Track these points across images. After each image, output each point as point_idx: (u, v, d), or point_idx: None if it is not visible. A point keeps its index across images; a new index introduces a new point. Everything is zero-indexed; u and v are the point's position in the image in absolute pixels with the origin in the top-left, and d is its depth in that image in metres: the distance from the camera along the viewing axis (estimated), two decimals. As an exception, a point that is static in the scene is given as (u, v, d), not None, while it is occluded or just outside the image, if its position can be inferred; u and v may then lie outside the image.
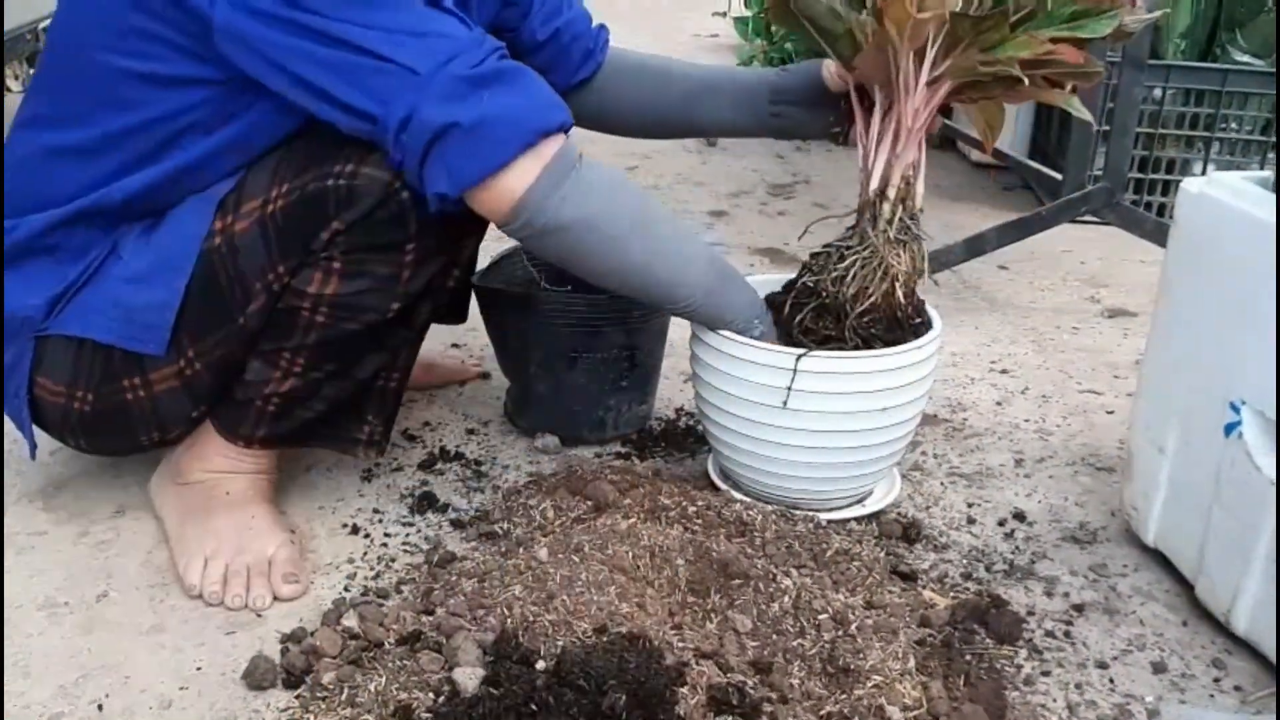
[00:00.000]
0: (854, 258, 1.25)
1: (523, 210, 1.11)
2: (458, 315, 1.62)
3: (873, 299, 1.24)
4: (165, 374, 1.19)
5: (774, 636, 1.06)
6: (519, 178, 1.09)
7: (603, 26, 1.48)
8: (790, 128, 1.43)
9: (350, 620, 1.11)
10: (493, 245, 1.55)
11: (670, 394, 1.67)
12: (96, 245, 1.19)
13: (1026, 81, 1.14)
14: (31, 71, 3.18)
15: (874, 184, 1.25)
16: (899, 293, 1.25)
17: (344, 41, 1.05)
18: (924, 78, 1.18)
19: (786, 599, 1.10)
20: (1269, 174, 1.19)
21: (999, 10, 1.12)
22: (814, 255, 1.30)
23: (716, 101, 1.43)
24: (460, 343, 1.86)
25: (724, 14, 4.90)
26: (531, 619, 1.05)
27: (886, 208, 1.24)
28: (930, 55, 1.16)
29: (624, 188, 1.20)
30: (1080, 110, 1.19)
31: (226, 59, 1.08)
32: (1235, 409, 1.12)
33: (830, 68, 1.35)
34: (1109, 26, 1.14)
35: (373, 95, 1.06)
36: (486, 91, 1.06)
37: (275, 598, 1.18)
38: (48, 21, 1.26)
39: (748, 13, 4.44)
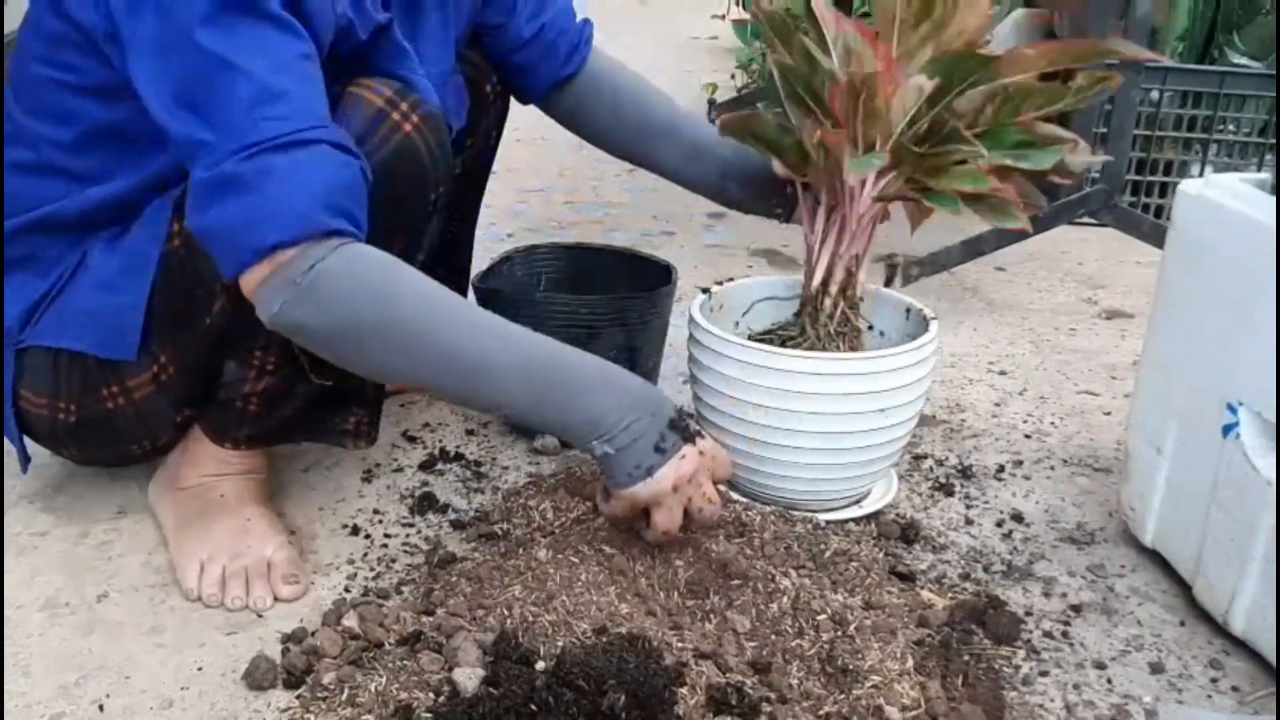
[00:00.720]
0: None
1: (258, 310, 1.03)
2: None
3: None
4: (141, 380, 1.19)
5: (773, 637, 1.07)
6: (249, 283, 1.02)
7: (587, 21, 1.48)
8: (734, 202, 1.46)
9: (351, 621, 1.11)
10: (494, 247, 1.56)
11: (669, 395, 1.67)
12: (67, 256, 1.18)
13: (962, 210, 1.17)
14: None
15: (816, 279, 1.28)
16: None
17: (149, 102, 1.03)
18: (869, 192, 1.21)
19: (785, 599, 1.10)
20: (1267, 176, 1.19)
21: (943, 150, 1.15)
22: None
23: (671, 152, 1.45)
24: (459, 344, 1.86)
25: (722, 17, 4.91)
26: (531, 619, 1.05)
27: (828, 302, 1.29)
28: (872, 178, 1.20)
29: (377, 304, 1.02)
30: (1023, 223, 1.20)
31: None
32: (1233, 410, 1.12)
33: (779, 164, 1.32)
34: (1052, 160, 1.16)
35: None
36: (217, 198, 0.99)
37: (275, 599, 1.18)
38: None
39: (746, 15, 4.45)
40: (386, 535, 1.31)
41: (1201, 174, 2.47)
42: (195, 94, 0.99)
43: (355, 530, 1.32)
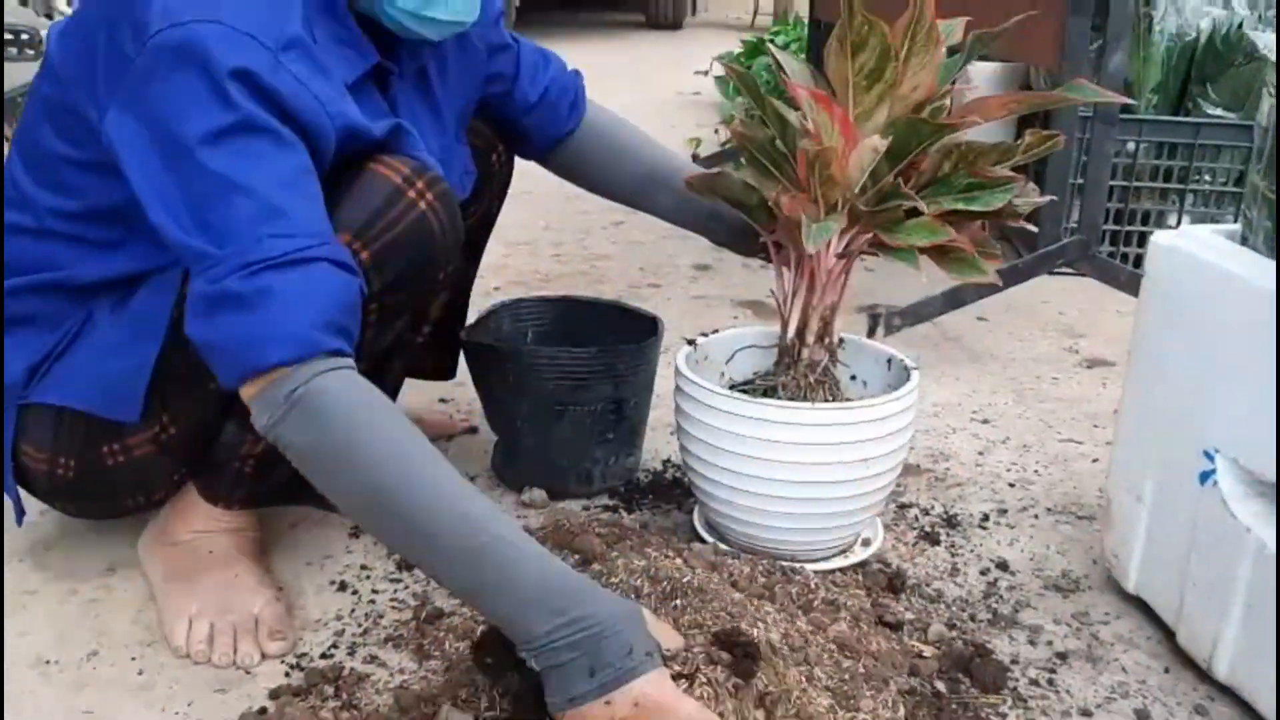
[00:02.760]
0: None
1: (253, 419, 1.04)
2: (446, 373, 1.63)
3: None
4: (142, 439, 1.20)
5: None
6: (244, 394, 1.04)
7: (577, 72, 1.52)
8: (722, 243, 1.51)
9: (340, 678, 1.11)
10: (481, 300, 1.57)
11: (657, 446, 1.69)
12: (73, 314, 1.20)
13: (924, 275, 1.19)
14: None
15: (791, 330, 1.31)
16: None
17: (150, 211, 1.05)
18: (833, 249, 1.24)
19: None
20: (1238, 227, 1.22)
21: (894, 205, 1.17)
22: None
23: (664, 195, 1.48)
24: (448, 397, 1.87)
25: (705, 73, 4.97)
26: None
27: (805, 353, 1.30)
28: (835, 236, 1.22)
29: (342, 442, 1.00)
30: (991, 276, 1.23)
31: None
32: (1209, 457, 1.14)
33: None
34: (1003, 200, 1.19)
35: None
36: (219, 314, 1.01)
37: (263, 655, 1.18)
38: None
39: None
40: (374, 591, 1.31)
41: (1179, 223, 2.51)
42: (199, 207, 1.02)
43: (343, 586, 1.32)
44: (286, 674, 1.15)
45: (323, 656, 1.18)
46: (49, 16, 3.52)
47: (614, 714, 0.92)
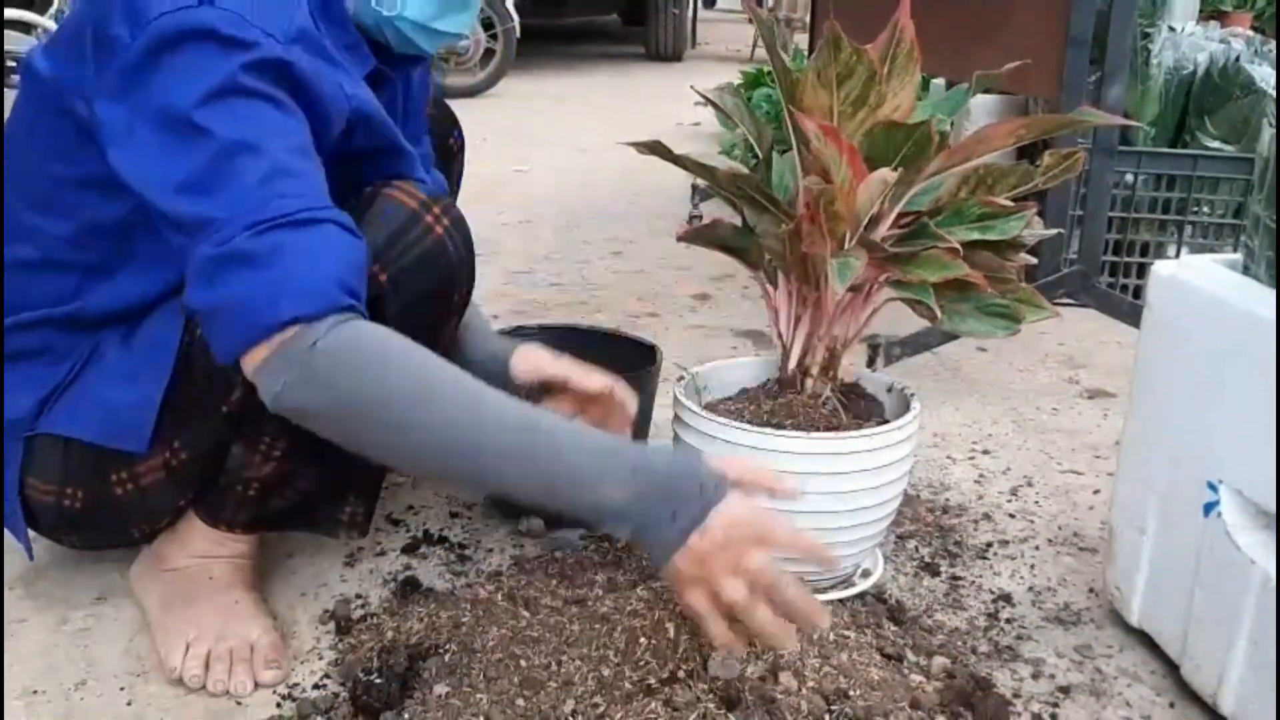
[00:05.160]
0: None
1: (260, 391, 1.02)
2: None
3: None
4: (151, 465, 1.19)
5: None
6: (251, 362, 1.01)
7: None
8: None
9: (332, 709, 1.10)
10: (478, 329, 1.56)
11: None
12: (80, 346, 1.19)
13: (938, 314, 1.19)
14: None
15: (793, 362, 1.29)
16: None
17: (148, 191, 1.03)
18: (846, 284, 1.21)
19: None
20: (1239, 257, 1.22)
21: (907, 249, 1.17)
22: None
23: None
24: (445, 426, 1.86)
25: (705, 103, 5.00)
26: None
27: (809, 384, 1.29)
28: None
29: (375, 377, 0.99)
30: (1052, 311, 1.25)
31: None
32: (1213, 488, 1.13)
33: None
34: (1017, 227, 1.19)
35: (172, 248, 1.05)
36: (229, 274, 0.99)
37: (256, 684, 1.17)
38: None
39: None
40: (370, 620, 1.30)
41: (1178, 255, 2.51)
42: (201, 173, 1.00)
43: (337, 616, 1.30)
44: (278, 705, 1.14)
45: (315, 687, 1.17)
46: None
47: (708, 544, 0.96)
